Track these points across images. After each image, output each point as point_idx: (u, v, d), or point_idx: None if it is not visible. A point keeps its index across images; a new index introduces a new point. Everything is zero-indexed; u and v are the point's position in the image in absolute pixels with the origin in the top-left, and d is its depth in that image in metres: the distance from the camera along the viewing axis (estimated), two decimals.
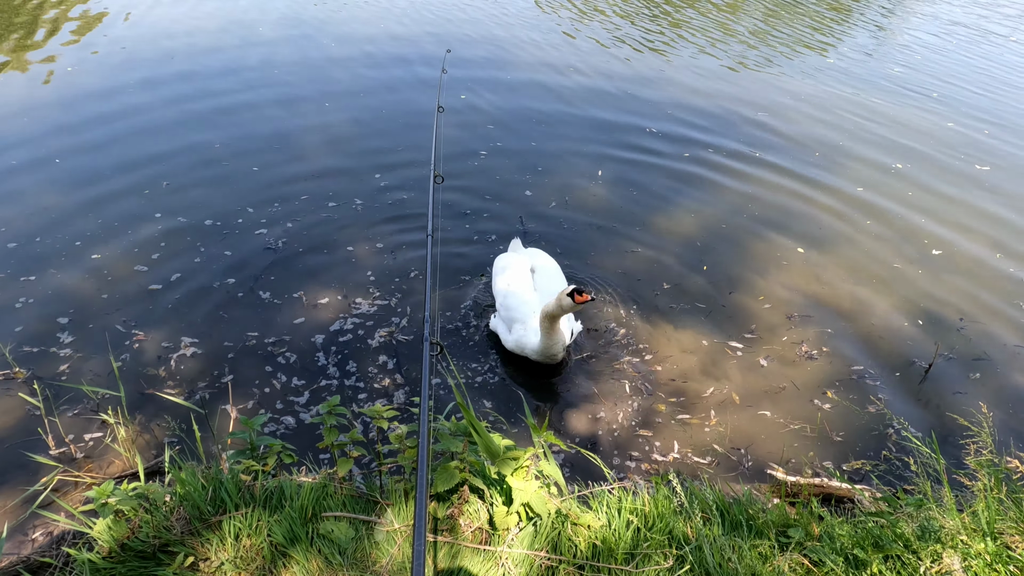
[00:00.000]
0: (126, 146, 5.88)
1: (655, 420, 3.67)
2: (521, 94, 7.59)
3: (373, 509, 2.57)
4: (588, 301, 3.34)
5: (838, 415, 3.78)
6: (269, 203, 5.23)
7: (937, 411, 3.84)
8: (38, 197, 5.06)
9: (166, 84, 7.14)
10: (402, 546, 2.41)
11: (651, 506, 2.52)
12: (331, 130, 6.47)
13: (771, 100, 8.00)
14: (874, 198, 6.02)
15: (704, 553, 2.29)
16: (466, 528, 2.48)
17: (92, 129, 6.11)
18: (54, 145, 5.77)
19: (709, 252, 5.08)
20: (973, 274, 5.09)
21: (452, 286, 4.53)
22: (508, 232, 5.09)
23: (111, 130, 6.12)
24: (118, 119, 6.33)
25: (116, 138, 6.00)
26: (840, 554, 2.32)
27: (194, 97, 6.88)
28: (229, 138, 6.14)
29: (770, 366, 4.08)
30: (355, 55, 8.36)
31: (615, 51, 9.32)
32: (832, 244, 5.30)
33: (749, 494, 2.79)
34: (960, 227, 5.69)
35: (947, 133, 7.52)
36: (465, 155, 6.17)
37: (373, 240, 4.91)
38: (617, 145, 6.58)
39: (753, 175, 6.25)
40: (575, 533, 2.42)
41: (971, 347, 4.35)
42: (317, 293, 4.36)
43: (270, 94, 7.10)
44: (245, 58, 8.00)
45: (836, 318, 4.52)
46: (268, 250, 4.71)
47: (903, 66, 9.77)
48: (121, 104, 6.63)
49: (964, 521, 2.12)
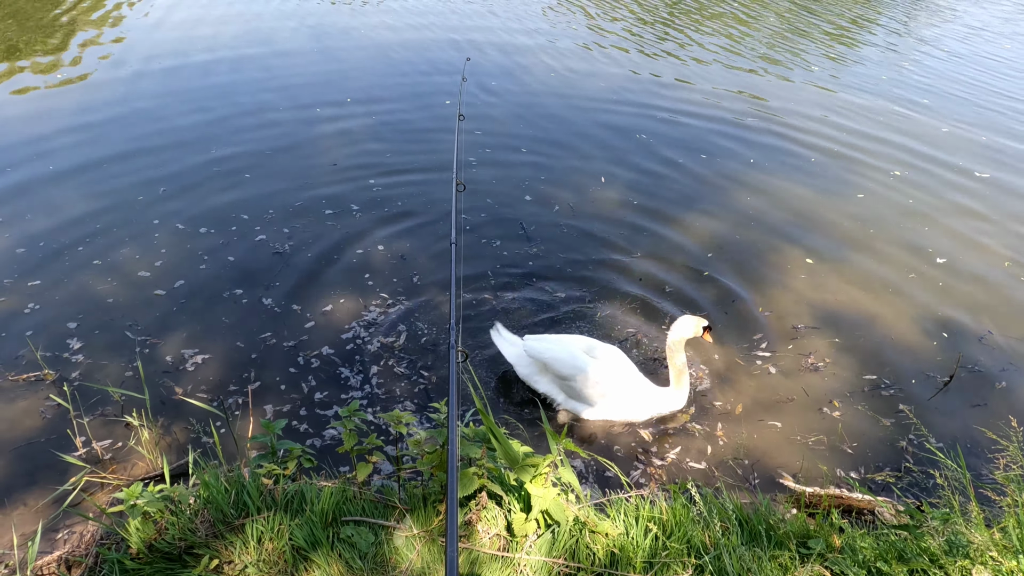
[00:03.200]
0: (142, 152, 5.98)
1: (670, 428, 3.66)
2: (537, 98, 7.65)
3: (392, 514, 2.59)
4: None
5: (854, 426, 3.74)
6: (285, 208, 5.29)
7: (961, 423, 3.78)
8: (47, 201, 5.16)
9: (180, 90, 7.27)
10: (421, 551, 2.42)
11: (669, 515, 2.51)
12: (349, 135, 6.54)
13: (780, 107, 7.98)
14: (877, 205, 5.99)
15: (723, 563, 2.28)
16: (484, 534, 2.49)
17: (105, 133, 6.25)
18: (61, 149, 5.88)
19: (714, 261, 5.06)
20: (984, 282, 5.03)
21: (467, 290, 4.55)
22: (511, 234, 5.12)
23: (126, 135, 6.24)
24: (131, 124, 6.45)
25: (130, 142, 6.11)
26: (863, 567, 2.30)
27: (210, 103, 7.00)
28: (243, 143, 6.23)
29: (780, 376, 4.04)
30: (376, 62, 8.47)
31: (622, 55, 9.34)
32: (840, 253, 5.25)
33: (768, 504, 2.77)
34: (967, 235, 5.64)
35: (947, 138, 7.48)
36: (478, 162, 6.22)
37: (388, 244, 4.95)
38: (627, 152, 6.60)
39: (757, 183, 6.23)
40: (593, 541, 2.42)
41: (995, 358, 4.28)
42: (335, 297, 4.40)
43: (284, 100, 7.19)
44: (260, 64, 8.14)
45: (849, 328, 4.47)
46: (276, 255, 4.77)
47: (904, 71, 9.70)
48: (134, 108, 6.77)
49: (994, 537, 2.09)
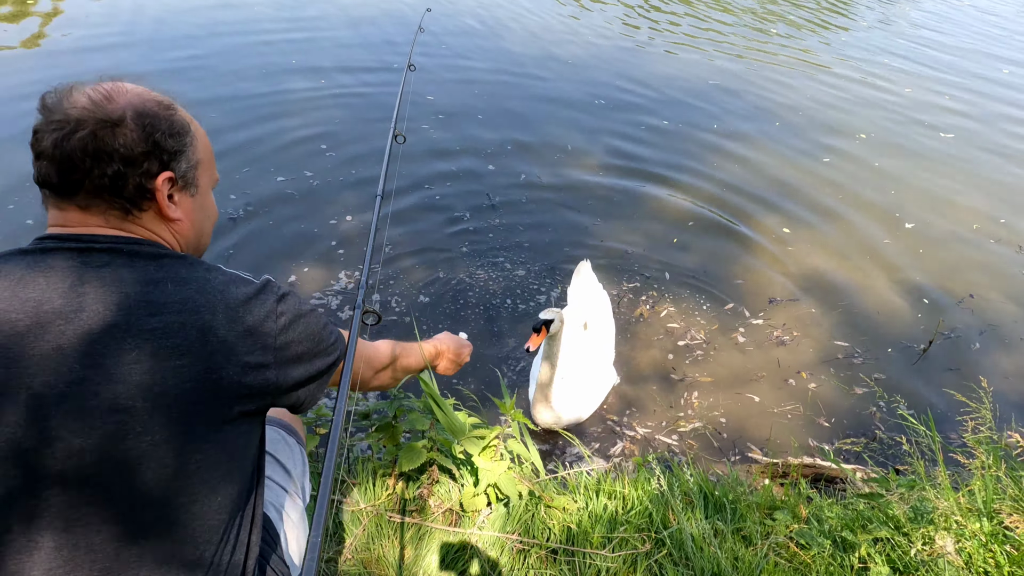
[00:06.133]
0: None
1: (639, 401, 3.55)
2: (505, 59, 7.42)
3: (339, 487, 2.46)
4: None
5: (829, 396, 3.65)
6: (231, 174, 4.98)
7: (936, 388, 3.71)
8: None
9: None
10: (367, 526, 2.31)
11: (631, 489, 2.41)
12: (303, 100, 6.26)
13: (750, 71, 7.83)
14: (845, 171, 5.89)
15: (684, 536, 2.17)
16: (436, 509, 2.38)
17: None
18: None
19: (688, 233, 4.91)
20: (956, 247, 4.98)
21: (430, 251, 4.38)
22: (477, 205, 4.94)
23: None
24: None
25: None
26: (828, 537, 2.21)
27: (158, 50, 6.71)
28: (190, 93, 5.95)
29: (755, 348, 3.94)
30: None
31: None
32: (813, 222, 5.13)
33: (736, 476, 2.67)
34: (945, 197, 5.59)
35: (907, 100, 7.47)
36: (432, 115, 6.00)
37: (357, 214, 4.75)
38: (597, 120, 6.41)
39: (729, 150, 6.08)
40: (549, 516, 2.31)
41: (973, 321, 4.21)
42: (299, 267, 4.22)
43: (234, 52, 6.89)
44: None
45: (825, 297, 4.36)
46: (231, 220, 4.55)
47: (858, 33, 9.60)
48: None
49: (960, 502, 2.00)
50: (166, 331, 1.04)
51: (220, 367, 1.08)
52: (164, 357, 1.04)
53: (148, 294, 1.06)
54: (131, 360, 1.02)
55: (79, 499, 1.02)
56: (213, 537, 1.13)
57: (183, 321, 1.06)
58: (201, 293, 1.09)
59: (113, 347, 1.02)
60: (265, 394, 1.16)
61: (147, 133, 1.11)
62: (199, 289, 1.10)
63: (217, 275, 1.14)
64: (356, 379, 1.44)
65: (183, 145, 1.18)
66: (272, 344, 1.14)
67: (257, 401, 1.15)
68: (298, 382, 1.21)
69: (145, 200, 1.14)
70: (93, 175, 1.08)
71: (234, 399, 1.11)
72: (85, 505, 1.02)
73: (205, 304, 1.08)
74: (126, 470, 1.03)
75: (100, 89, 1.12)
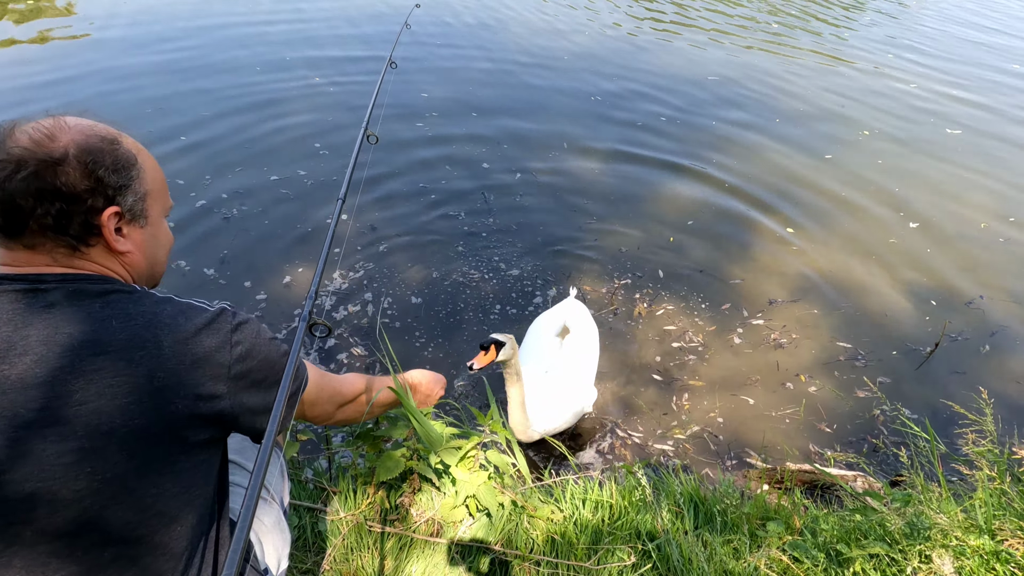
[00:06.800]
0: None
1: (634, 404, 3.47)
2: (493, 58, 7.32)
3: (320, 496, 2.41)
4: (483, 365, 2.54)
5: (831, 400, 3.55)
6: (224, 173, 4.93)
7: (941, 392, 3.60)
8: None
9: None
10: (347, 535, 2.25)
11: (618, 498, 2.33)
12: (297, 97, 6.22)
13: (745, 67, 7.69)
14: (848, 168, 5.75)
15: (670, 549, 2.10)
16: (418, 518, 2.32)
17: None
18: None
19: (687, 232, 4.80)
20: (964, 246, 4.84)
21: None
22: (474, 210, 4.83)
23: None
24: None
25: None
26: (822, 550, 2.12)
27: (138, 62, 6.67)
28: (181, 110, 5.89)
29: (753, 349, 3.84)
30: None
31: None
32: (815, 222, 5.01)
33: (729, 484, 2.59)
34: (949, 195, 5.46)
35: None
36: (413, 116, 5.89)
37: (356, 214, 4.69)
38: (595, 116, 6.29)
39: (729, 148, 5.96)
40: (533, 526, 2.24)
41: (981, 325, 4.09)
42: (292, 268, 4.17)
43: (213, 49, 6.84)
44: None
45: (827, 299, 4.26)
46: (225, 220, 4.50)
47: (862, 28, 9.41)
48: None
49: (958, 518, 1.91)
50: (112, 370, 1.03)
51: (170, 401, 1.06)
52: (111, 396, 1.02)
53: (94, 333, 1.05)
54: (76, 401, 1.01)
55: (38, 541, 1.01)
56: (178, 565, 1.13)
57: (129, 358, 1.04)
58: (148, 328, 1.07)
59: (59, 389, 1.01)
60: (220, 424, 1.14)
61: (90, 170, 1.09)
62: (146, 324, 1.08)
63: (166, 307, 1.11)
64: (317, 413, 1.44)
65: (128, 179, 1.15)
66: (225, 374, 1.12)
67: (212, 431, 1.14)
68: (255, 411, 1.18)
69: (92, 236, 1.12)
70: (37, 215, 1.07)
71: (187, 430, 1.09)
72: (44, 547, 1.01)
73: (151, 339, 1.07)
74: (80, 511, 1.02)
75: (41, 127, 1.09)
